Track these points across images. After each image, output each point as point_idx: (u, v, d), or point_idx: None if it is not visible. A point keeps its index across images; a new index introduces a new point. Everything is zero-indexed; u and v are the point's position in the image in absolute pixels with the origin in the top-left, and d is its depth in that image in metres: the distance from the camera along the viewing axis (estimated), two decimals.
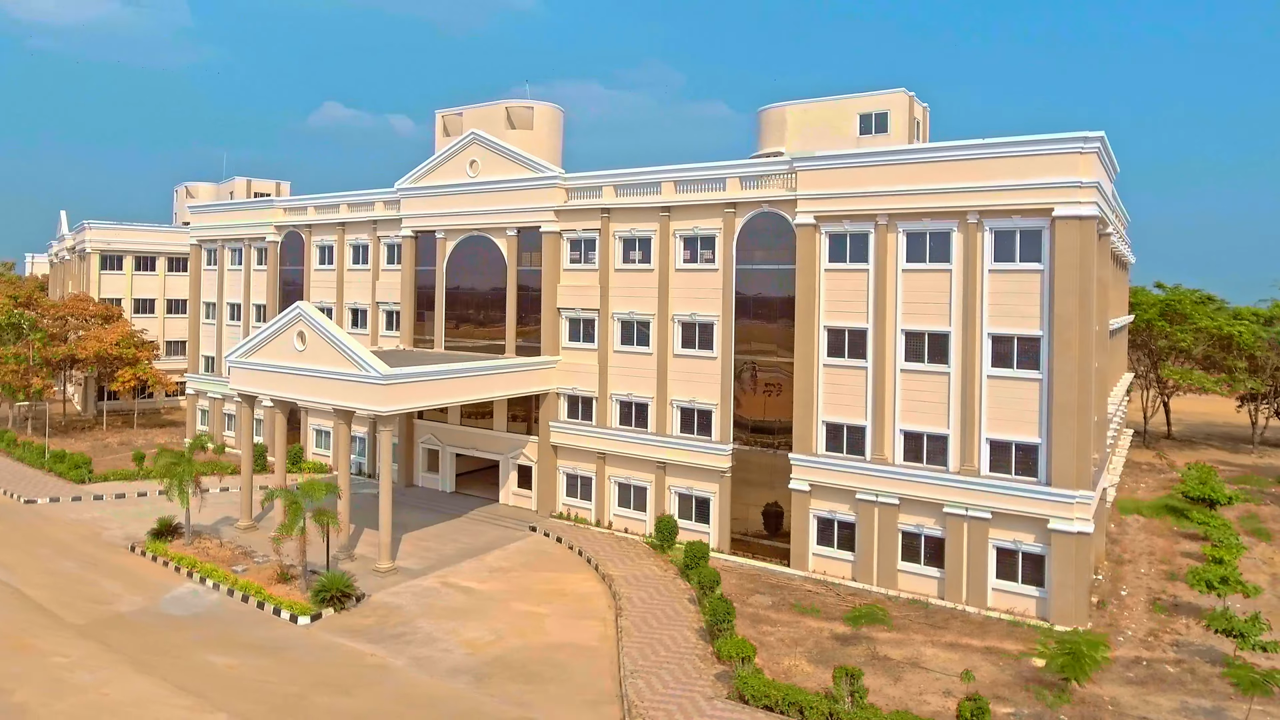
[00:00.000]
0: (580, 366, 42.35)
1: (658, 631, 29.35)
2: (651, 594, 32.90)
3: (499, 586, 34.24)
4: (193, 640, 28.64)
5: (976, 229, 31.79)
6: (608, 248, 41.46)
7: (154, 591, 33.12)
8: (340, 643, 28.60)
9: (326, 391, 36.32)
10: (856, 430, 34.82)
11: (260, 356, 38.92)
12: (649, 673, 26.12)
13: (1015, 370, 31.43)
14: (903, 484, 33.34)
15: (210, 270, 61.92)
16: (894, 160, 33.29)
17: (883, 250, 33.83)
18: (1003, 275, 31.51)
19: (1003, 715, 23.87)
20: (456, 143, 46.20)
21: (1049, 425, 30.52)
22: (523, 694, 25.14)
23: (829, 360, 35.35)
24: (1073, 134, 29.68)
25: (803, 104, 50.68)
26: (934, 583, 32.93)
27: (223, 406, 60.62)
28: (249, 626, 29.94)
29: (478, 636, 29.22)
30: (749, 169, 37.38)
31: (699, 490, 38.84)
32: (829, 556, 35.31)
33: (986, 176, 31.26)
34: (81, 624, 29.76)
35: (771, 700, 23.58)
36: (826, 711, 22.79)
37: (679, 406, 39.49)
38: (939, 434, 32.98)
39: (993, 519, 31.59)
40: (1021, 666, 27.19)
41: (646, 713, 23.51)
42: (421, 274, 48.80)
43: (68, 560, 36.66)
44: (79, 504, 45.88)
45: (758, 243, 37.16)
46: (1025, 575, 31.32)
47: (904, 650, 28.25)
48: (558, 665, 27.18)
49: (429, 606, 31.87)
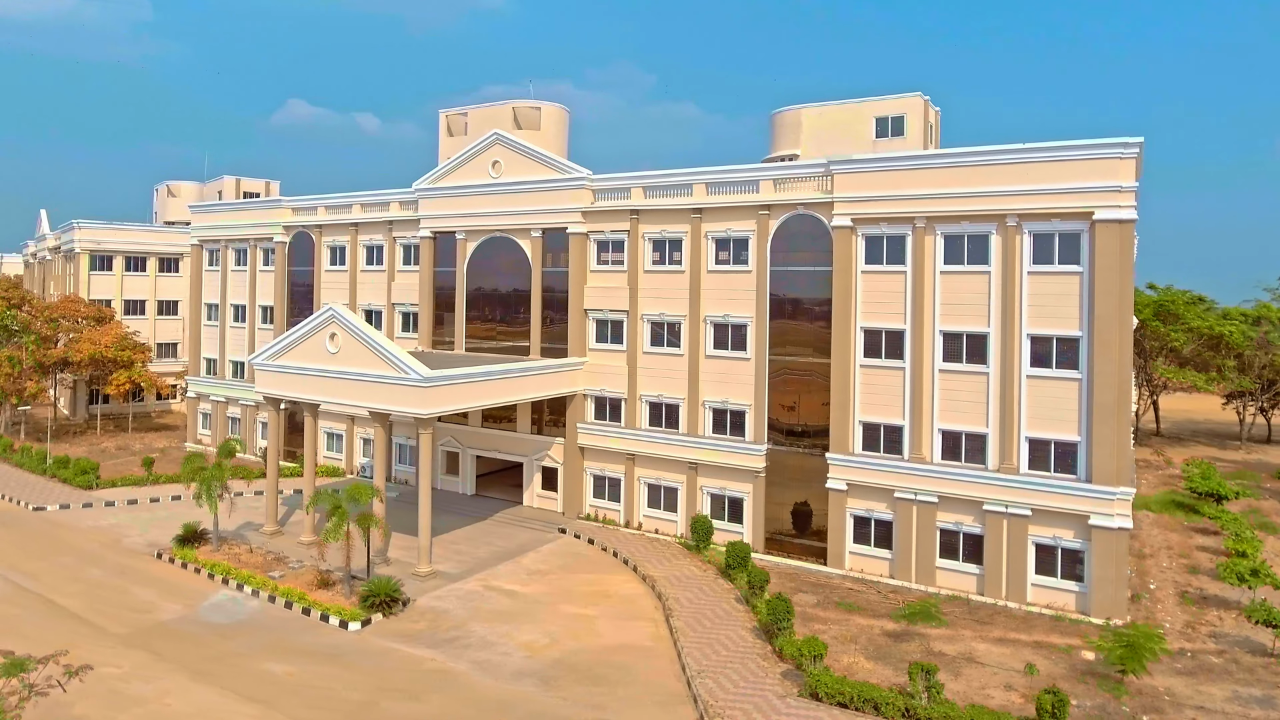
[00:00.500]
0: (608, 368, 42.36)
1: (712, 631, 29.52)
2: (696, 594, 33.06)
3: (541, 589, 34.16)
4: (244, 648, 28.19)
5: (1015, 231, 32.44)
6: (637, 249, 41.53)
7: (191, 599, 32.52)
8: (396, 648, 28.35)
9: (361, 394, 35.93)
10: (893, 430, 35.32)
11: (288, 359, 38.36)
12: (714, 672, 26.28)
13: (1054, 370, 32.13)
14: (942, 482, 33.88)
15: (212, 271, 60.81)
16: (933, 164, 33.83)
17: (920, 252, 34.37)
18: (1041, 277, 32.18)
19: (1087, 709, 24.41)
20: (478, 144, 45.92)
21: (1089, 424, 31.25)
22: (592, 696, 25.15)
23: (865, 361, 35.80)
24: (1113, 139, 30.42)
25: (818, 107, 51.22)
26: (973, 579, 33.52)
27: (226, 410, 59.55)
28: (298, 633, 29.54)
29: (533, 640, 29.14)
30: (783, 171, 37.70)
31: (732, 490, 39.08)
32: (866, 555, 35.76)
33: (1026, 180, 31.90)
34: (124, 633, 29.14)
35: (845, 697, 23.89)
36: (902, 707, 23.14)
37: (711, 407, 39.69)
38: (978, 433, 33.59)
39: (1032, 515, 32.24)
40: (1073, 660, 27.81)
41: (723, 712, 23.68)
42: (440, 275, 48.44)
43: (94, 568, 35.83)
44: (91, 510, 44.83)
45: (792, 244, 37.50)
46: (1064, 570, 32.02)
47: (956, 646, 28.74)
48: (619, 667, 27.22)
49: (476, 610, 31.70)
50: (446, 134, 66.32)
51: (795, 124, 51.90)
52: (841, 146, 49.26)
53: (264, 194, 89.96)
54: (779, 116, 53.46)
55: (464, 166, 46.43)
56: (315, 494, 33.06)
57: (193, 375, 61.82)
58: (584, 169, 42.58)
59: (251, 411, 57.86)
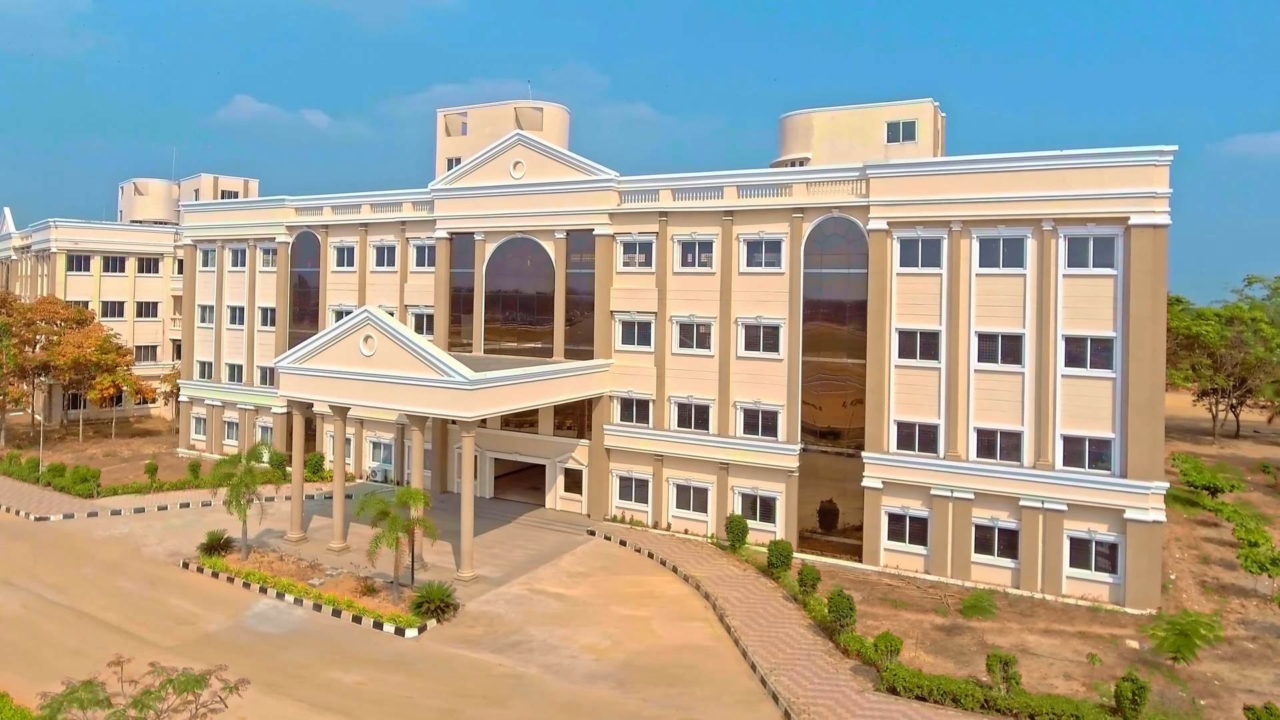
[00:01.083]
0: (635, 369, 42.46)
1: (770, 630, 29.88)
2: (744, 594, 33.40)
3: (587, 591, 34.13)
4: (303, 658, 27.63)
5: (1051, 235, 33.50)
6: (665, 251, 41.72)
7: (233, 609, 31.71)
8: (460, 654, 28.09)
9: (399, 397, 35.44)
10: (928, 428, 36.14)
11: (316, 362, 37.63)
12: (785, 670, 26.63)
13: (1088, 369, 33.26)
14: (978, 479, 34.80)
15: (207, 272, 59.15)
16: (969, 169, 34.73)
17: (956, 255, 35.25)
18: (1076, 280, 33.30)
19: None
20: (498, 145, 45.59)
21: (1123, 421, 32.43)
22: (671, 697, 25.28)
23: (900, 361, 36.57)
24: (1148, 148, 31.64)
25: (828, 111, 52.11)
26: (1008, 573, 34.49)
27: (222, 414, 58.00)
28: (354, 641, 29.04)
29: (594, 642, 29.14)
30: (817, 175, 38.28)
31: (765, 490, 39.53)
32: (901, 551, 36.52)
33: (1062, 186, 32.97)
34: (174, 645, 28.30)
35: (923, 690, 24.46)
36: (981, 699, 23.79)
37: (742, 408, 40.08)
38: (1013, 430, 34.58)
39: (1068, 510, 33.33)
40: (1119, 649, 28.85)
41: (806, 709, 24.04)
42: (456, 276, 47.96)
43: (120, 579, 34.69)
44: (98, 520, 43.32)
45: (825, 247, 38.09)
46: (1098, 563, 33.18)
47: (1007, 639, 29.58)
48: (687, 667, 27.40)
49: (529, 614, 31.55)
50: (444, 134, 65.87)
51: (806, 128, 52.72)
52: (853, 150, 50.25)
53: (242, 193, 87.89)
54: (788, 120, 54.23)
55: (483, 167, 46.03)
56: (365, 499, 32.51)
57: (186, 379, 60.04)
58: (611, 170, 42.61)
59: (251, 416, 56.48)
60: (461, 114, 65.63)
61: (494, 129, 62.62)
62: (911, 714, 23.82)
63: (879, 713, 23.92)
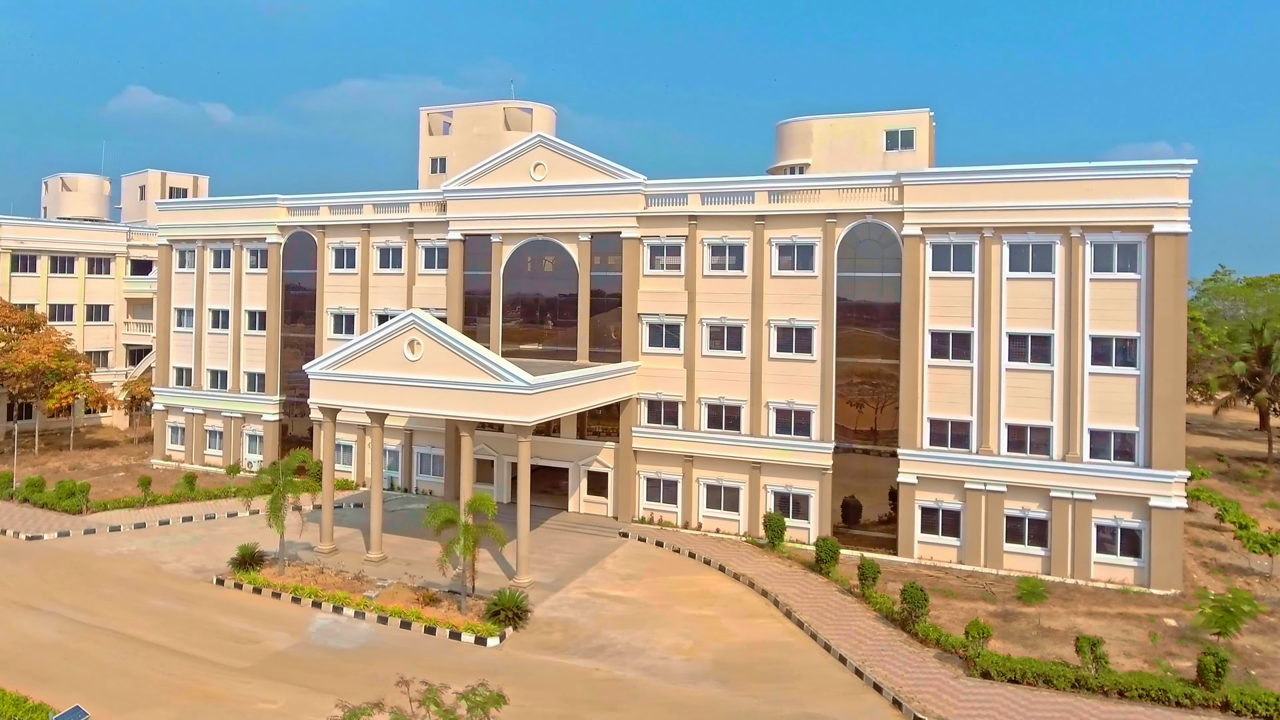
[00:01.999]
0: (663, 372, 42.81)
1: (841, 624, 30.80)
2: (800, 589, 34.25)
3: (644, 593, 34.34)
4: (390, 672, 26.65)
5: (1079, 242, 35.63)
6: (695, 254, 42.25)
7: (291, 625, 30.54)
8: (551, 660, 27.92)
9: (449, 403, 34.83)
10: (961, 425, 37.84)
11: (352, 368, 36.54)
12: (874, 662, 27.55)
13: (1114, 367, 35.54)
14: (1010, 472, 36.67)
15: (185, 273, 56.24)
16: (1001, 178, 36.58)
17: (987, 260, 37.05)
18: (1102, 283, 35.52)
19: (1184, 667, 27.33)
20: (518, 146, 45.16)
21: (1148, 415, 34.79)
22: (775, 692, 25.85)
23: (933, 361, 38.15)
24: (1170, 161, 34.13)
25: (827, 119, 53.73)
26: (1038, 560, 36.48)
27: (204, 423, 55.30)
28: (435, 653, 28.44)
29: (676, 643, 29.42)
30: (850, 182, 39.58)
31: (798, 488, 40.53)
32: (934, 543, 38.11)
33: (1090, 195, 35.14)
34: (246, 666, 27.13)
35: (1016, 674, 25.79)
36: (1072, 679, 25.27)
37: (775, 408, 40.98)
38: (1042, 426, 36.60)
39: (1096, 500, 35.52)
40: (1158, 627, 31.02)
41: (913, 696, 25.01)
42: (470, 278, 47.21)
43: (150, 598, 32.86)
44: (96, 537, 40.78)
45: (859, 251, 39.37)
46: (1123, 549, 35.49)
47: (1059, 622, 31.37)
48: (777, 663, 28.02)
49: (599, 617, 31.56)
50: (427, 133, 64.68)
51: (805, 135, 54.19)
52: (853, 157, 51.98)
53: (191, 190, 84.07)
54: (786, 127, 55.62)
55: (502, 168, 45.48)
56: (434, 506, 31.81)
57: (160, 386, 56.91)
58: (639, 174, 42.83)
59: (237, 424, 54.07)
60: (446, 113, 64.55)
61: (482, 129, 61.98)
62: (1012, 696, 25.10)
63: (982, 696, 25.11)
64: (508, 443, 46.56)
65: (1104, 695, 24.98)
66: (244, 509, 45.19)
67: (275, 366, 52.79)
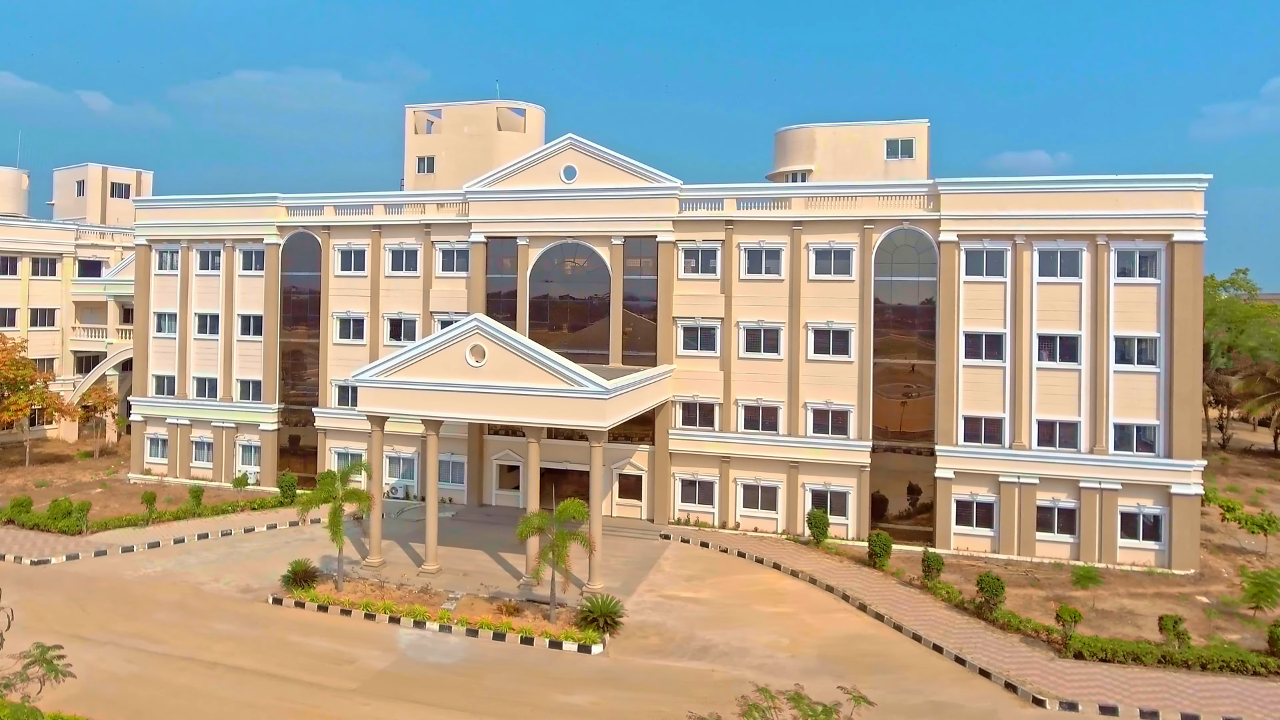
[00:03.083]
0: (699, 374, 43.33)
1: (919, 614, 32.09)
2: (862, 584, 35.40)
3: (715, 594, 34.77)
4: (505, 685, 26.38)
5: (1104, 249, 38.24)
6: (731, 258, 42.93)
7: (378, 643, 29.46)
8: (662, 664, 28.00)
9: (517, 409, 34.30)
10: (993, 422, 39.94)
11: (407, 374, 35.47)
12: (969, 649, 28.87)
13: (1136, 366, 38.31)
14: (1042, 465, 38.97)
15: (166, 275, 52.88)
16: (1032, 189, 38.83)
17: (1019, 265, 39.26)
18: (1125, 288, 38.21)
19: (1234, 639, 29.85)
20: (548, 148, 44.70)
21: (1169, 409, 37.65)
22: (894, 683, 26.77)
23: (967, 362, 40.12)
24: (1188, 175, 37.10)
25: (830, 127, 55.53)
26: (1068, 547, 38.90)
27: (190, 434, 52.18)
28: (542, 663, 28.06)
29: (773, 640, 30.02)
30: (885, 189, 41.16)
31: (836, 485, 41.80)
32: (969, 534, 40.08)
33: (1116, 206, 37.77)
34: (354, 687, 26.10)
35: (1107, 653, 27.62)
36: (1159, 655, 27.29)
37: (813, 408, 42.12)
38: (1070, 421, 39.06)
39: (1122, 489, 38.20)
40: (1192, 604, 33.63)
41: (1021, 679, 26.44)
42: (493, 281, 46.41)
43: (211, 622, 31.01)
44: (109, 559, 38.06)
45: (895, 256, 40.96)
46: (1145, 533, 38.28)
47: (1110, 603, 33.65)
48: (878, 655, 28.98)
49: (685, 619, 31.80)
50: (413, 131, 63.08)
51: (809, 142, 55.78)
52: (856, 164, 53.90)
53: (135, 187, 79.23)
54: (789, 134, 57.10)
55: (529, 170, 44.92)
56: (528, 518, 31.29)
57: (139, 395, 53.32)
58: (675, 178, 43.16)
59: (230, 435, 51.29)
60: (434, 111, 63.01)
61: (475, 128, 60.90)
62: (1109, 674, 26.86)
63: (1083, 675, 26.78)
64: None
65: (1188, 669, 27.07)
66: (261, 524, 43.31)
67: (274, 374, 50.38)
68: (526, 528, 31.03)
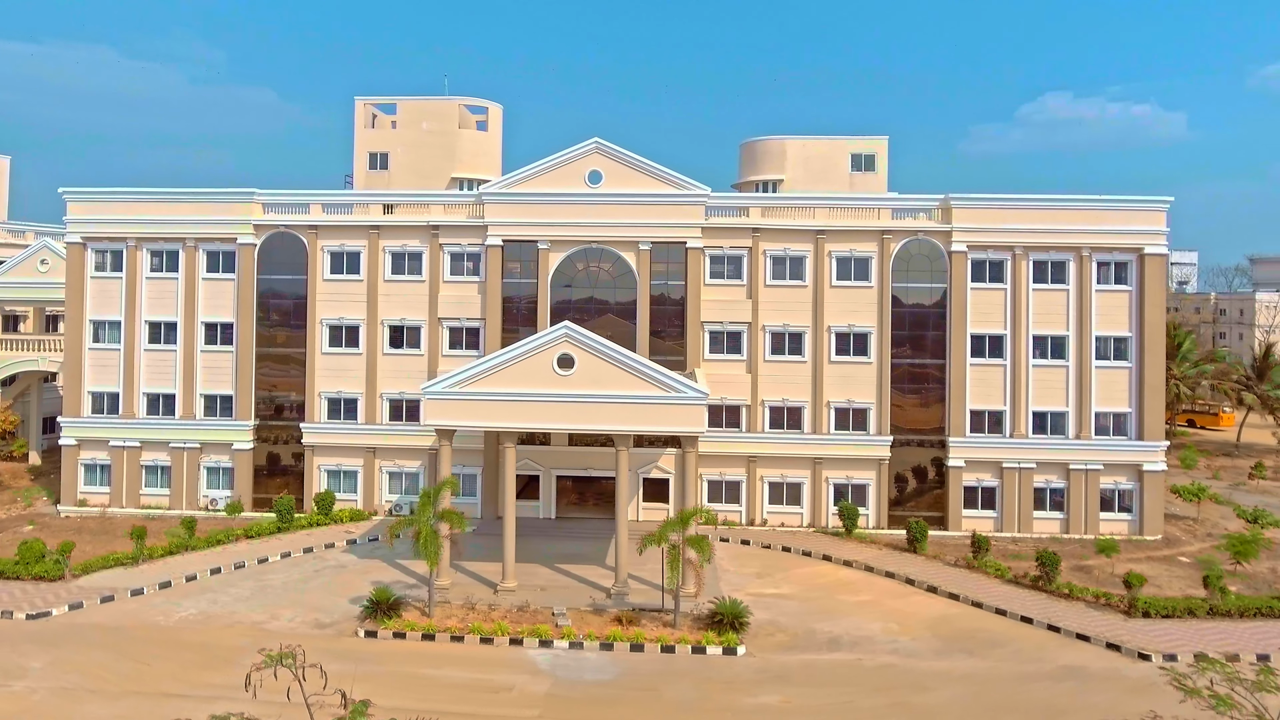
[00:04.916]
0: (726, 376, 44.47)
1: (985, 591, 35.29)
2: (918, 569, 38.22)
3: (794, 588, 36.26)
4: (684, 697, 26.30)
5: (1088, 260, 43.66)
6: (757, 264, 44.48)
7: (513, 666, 28.30)
8: (809, 659, 29.08)
9: (607, 417, 33.90)
10: (995, 414, 44.37)
11: (485, 385, 33.93)
12: (1051, 618, 32.29)
13: (1113, 361, 44.07)
14: (1039, 451, 43.84)
15: (106, 278, 46.25)
16: (1030, 206, 43.57)
17: (1017, 273, 43.88)
18: (1104, 294, 43.84)
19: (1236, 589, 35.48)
20: (572, 151, 43.98)
21: (1139, 398, 43.66)
22: (1016, 654, 29.48)
23: (973, 360, 44.26)
24: (1156, 197, 43.27)
25: (799, 140, 58.75)
26: (1058, 523, 44.03)
27: (140, 457, 46.10)
28: (695, 670, 28.19)
29: (884, 626, 31.96)
30: (903, 203, 44.41)
31: (857, 479, 44.59)
32: (975, 516, 44.25)
33: (1098, 222, 43.29)
34: (535, 714, 25.16)
35: (1167, 610, 32.03)
36: (1208, 608, 32.06)
37: (835, 407, 44.63)
38: (1060, 411, 44.23)
39: (1103, 469, 43.84)
40: (1183, 564, 39.49)
41: (1119, 638, 30.04)
42: (509, 285, 44.98)
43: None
44: (119, 605, 33.41)
45: (909, 264, 44.33)
46: (1120, 506, 44.17)
47: (1122, 567, 38.38)
48: (980, 631, 31.67)
49: (790, 615, 32.98)
50: (364, 126, 59.52)
51: (779, 153, 58.56)
52: (824, 177, 57.43)
53: None
54: (758, 144, 59.64)
55: (551, 173, 43.99)
56: (648, 536, 30.91)
57: (70, 416, 46.28)
58: (703, 185, 44.02)
59: (193, 456, 45.88)
60: (384, 106, 59.51)
61: (434, 124, 58.34)
62: (1177, 628, 31.15)
63: (1158, 630, 30.90)
64: (553, 456, 45.29)
65: (1231, 618, 32.01)
66: (272, 553, 39.53)
67: (248, 387, 45.70)
68: (656, 540, 30.77)
